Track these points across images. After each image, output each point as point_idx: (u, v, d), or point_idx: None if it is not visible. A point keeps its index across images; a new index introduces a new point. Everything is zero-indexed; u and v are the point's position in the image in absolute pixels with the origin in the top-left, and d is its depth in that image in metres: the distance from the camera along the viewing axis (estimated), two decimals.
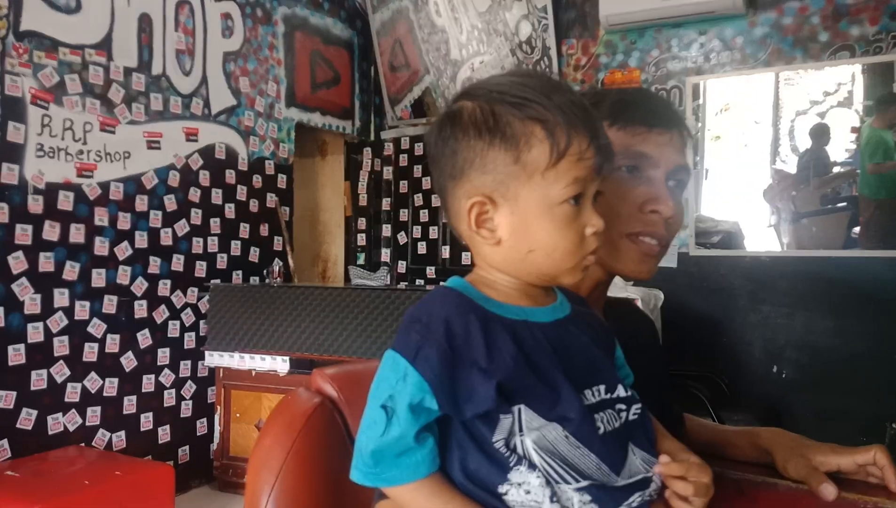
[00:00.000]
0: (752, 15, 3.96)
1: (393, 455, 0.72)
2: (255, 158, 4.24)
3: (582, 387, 0.76)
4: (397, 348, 0.73)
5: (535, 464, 0.71)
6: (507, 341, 0.74)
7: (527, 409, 0.72)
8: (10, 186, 2.97)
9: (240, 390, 3.75)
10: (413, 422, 0.71)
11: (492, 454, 0.72)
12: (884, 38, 3.66)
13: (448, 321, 0.73)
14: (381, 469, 0.73)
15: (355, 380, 1.22)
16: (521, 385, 0.72)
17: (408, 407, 0.70)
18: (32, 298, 3.05)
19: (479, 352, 0.72)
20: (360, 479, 0.74)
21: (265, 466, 1.07)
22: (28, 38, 3.04)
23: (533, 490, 0.71)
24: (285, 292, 3.65)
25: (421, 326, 0.73)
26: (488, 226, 0.77)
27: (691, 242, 4.09)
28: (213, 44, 3.93)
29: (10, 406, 2.96)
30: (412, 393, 0.70)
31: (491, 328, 0.74)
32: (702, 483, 0.77)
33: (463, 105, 0.79)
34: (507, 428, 0.72)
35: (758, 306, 3.94)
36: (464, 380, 0.71)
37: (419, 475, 0.72)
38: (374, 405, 0.73)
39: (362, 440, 0.74)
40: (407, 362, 0.71)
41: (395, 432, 0.71)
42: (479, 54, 4.69)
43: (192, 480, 3.80)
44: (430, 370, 0.70)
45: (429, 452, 0.73)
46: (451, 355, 0.71)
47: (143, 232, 3.53)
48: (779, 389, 3.88)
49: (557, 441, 0.72)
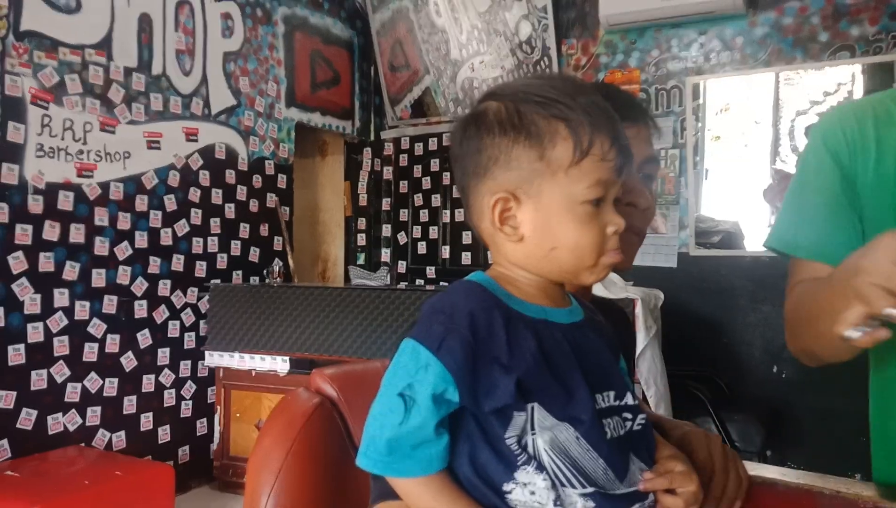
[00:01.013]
0: (752, 15, 3.96)
1: (409, 446, 0.71)
2: (255, 159, 4.24)
3: (595, 391, 0.76)
4: (418, 337, 0.73)
5: (545, 465, 0.71)
6: (529, 338, 0.74)
7: (540, 408, 0.72)
8: (10, 186, 2.97)
9: (240, 390, 3.75)
10: (434, 412, 0.71)
11: (501, 450, 0.72)
12: (884, 38, 3.66)
13: (473, 314, 0.73)
14: (393, 458, 0.72)
15: (355, 380, 1.22)
16: (538, 384, 0.72)
17: (430, 397, 0.70)
18: (32, 298, 3.05)
19: (501, 348, 0.72)
20: (369, 466, 0.74)
21: (265, 466, 1.06)
22: (28, 37, 3.04)
23: (538, 492, 0.71)
24: (285, 293, 3.65)
25: (445, 317, 0.73)
26: (511, 223, 0.78)
27: (691, 242, 4.08)
28: (213, 44, 3.93)
29: (10, 406, 2.96)
30: (435, 383, 0.70)
31: (514, 325, 0.75)
32: (689, 493, 0.78)
33: (488, 105, 0.80)
34: (521, 426, 0.72)
35: (758, 307, 3.94)
36: (485, 375, 0.71)
37: (431, 469, 0.72)
38: (391, 394, 0.73)
39: (376, 428, 0.73)
40: (430, 352, 0.71)
41: (416, 421, 0.71)
42: (479, 54, 4.69)
43: (192, 480, 3.79)
44: (454, 362, 0.70)
45: (444, 448, 0.73)
46: (475, 348, 0.71)
47: (143, 232, 3.53)
48: (779, 389, 3.88)
49: (569, 443, 0.72)
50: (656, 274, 4.01)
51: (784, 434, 3.82)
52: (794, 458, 3.82)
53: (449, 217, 4.96)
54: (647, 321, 3.06)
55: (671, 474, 0.78)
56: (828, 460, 3.72)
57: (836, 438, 3.73)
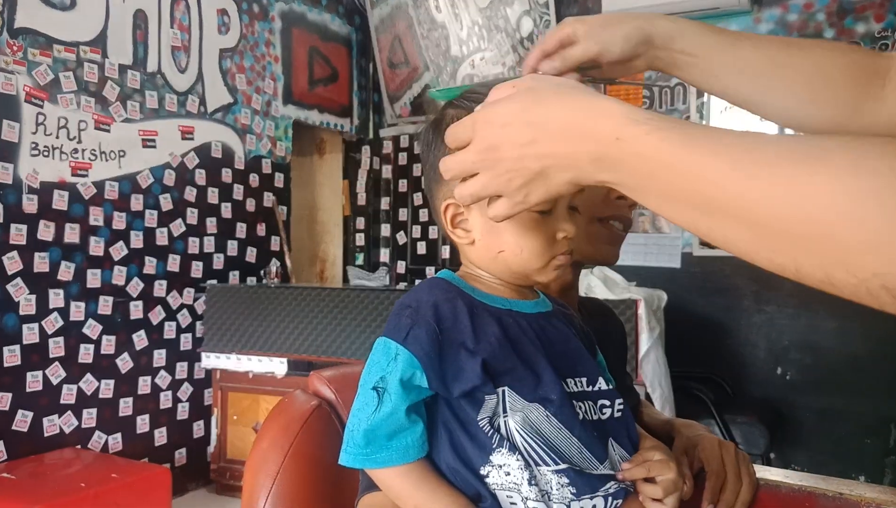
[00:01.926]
0: (756, 11, 3.94)
1: (384, 436, 0.74)
2: (252, 157, 4.21)
3: (563, 376, 0.79)
4: (388, 334, 0.77)
5: (517, 445, 0.74)
6: (493, 324, 0.78)
7: (511, 391, 0.75)
8: (5, 186, 2.95)
9: (237, 392, 3.72)
10: (404, 397, 0.74)
11: (475, 434, 0.75)
12: (889, 34, 3.64)
13: (437, 305, 0.78)
14: (371, 449, 0.75)
15: (353, 382, 1.20)
16: (505, 367, 0.76)
17: (399, 382, 0.74)
18: (27, 298, 3.02)
19: (466, 334, 0.76)
20: (350, 462, 0.76)
21: (262, 469, 1.07)
22: (22, 35, 3.01)
23: (512, 472, 0.74)
24: (282, 293, 3.62)
25: (411, 311, 0.78)
26: (464, 226, 0.82)
27: (695, 242, 4.06)
28: (208, 40, 3.90)
29: (5, 408, 2.94)
30: (403, 369, 0.74)
31: (477, 314, 0.79)
32: (668, 480, 0.79)
33: (447, 112, 0.84)
34: (492, 408, 0.75)
35: (762, 307, 3.92)
36: (452, 360, 0.75)
37: (409, 458, 0.75)
38: (366, 389, 0.77)
39: (353, 423, 0.77)
40: (397, 343, 0.75)
41: (387, 408, 0.74)
42: (479, 51, 4.66)
43: (189, 483, 3.77)
44: (420, 349, 0.74)
45: (419, 436, 0.76)
46: (440, 336, 0.75)
47: (138, 232, 3.50)
48: (782, 390, 3.87)
49: (540, 422, 0.75)
50: (660, 274, 4.00)
51: (788, 436, 3.80)
52: (798, 460, 3.80)
53: None
54: (651, 322, 3.03)
55: (649, 462, 0.80)
56: (831, 461, 3.70)
57: (839, 440, 3.71)
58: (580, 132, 0.60)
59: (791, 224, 0.48)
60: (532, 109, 0.64)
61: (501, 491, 0.75)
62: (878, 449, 3.62)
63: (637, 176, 0.58)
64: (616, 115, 0.59)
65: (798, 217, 0.48)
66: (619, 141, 0.58)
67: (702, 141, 0.54)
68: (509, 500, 0.74)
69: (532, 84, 0.66)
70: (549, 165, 0.63)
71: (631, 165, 0.58)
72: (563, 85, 0.66)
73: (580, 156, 0.61)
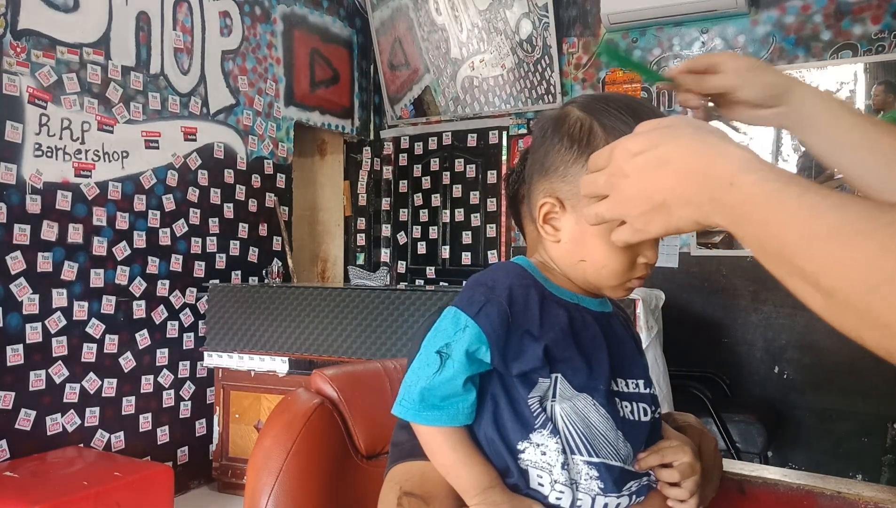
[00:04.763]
0: (754, 13, 3.95)
1: (439, 397, 0.79)
2: (254, 158, 4.23)
3: (615, 374, 0.83)
4: (460, 305, 0.80)
5: (559, 430, 0.78)
6: (562, 314, 0.82)
7: (563, 379, 0.79)
8: (8, 186, 2.96)
9: (239, 390, 3.74)
10: (466, 367, 0.78)
11: (521, 411, 0.79)
12: (886, 36, 3.65)
13: (512, 288, 0.81)
14: (423, 406, 0.79)
15: (355, 381, 1.21)
16: (564, 356, 0.79)
17: (464, 353, 0.78)
18: (31, 298, 3.04)
19: (533, 322, 0.80)
20: (401, 413, 0.81)
21: (265, 467, 1.07)
22: (26, 36, 3.03)
23: (549, 453, 0.78)
24: (284, 293, 3.63)
25: (486, 289, 0.81)
26: (554, 224, 0.84)
27: (693, 241, 4.07)
28: (211, 42, 3.92)
29: (8, 407, 2.95)
30: (470, 341, 0.78)
31: (547, 304, 0.82)
32: (684, 464, 0.82)
33: (571, 111, 0.84)
34: (544, 390, 0.79)
35: (759, 307, 3.93)
36: (516, 341, 0.79)
37: (456, 422, 0.80)
38: (429, 351, 0.80)
39: (412, 379, 0.81)
40: (468, 317, 0.79)
41: (448, 373, 0.78)
42: (479, 53, 4.68)
43: (192, 481, 3.78)
44: (490, 326, 0.78)
45: (470, 404, 0.80)
46: (510, 318, 0.79)
47: (141, 232, 3.52)
48: (780, 389, 3.87)
49: (587, 410, 0.79)
50: (657, 274, 4.01)
51: (785, 435, 3.81)
52: (795, 458, 3.81)
53: (449, 217, 4.95)
54: (649, 322, 3.05)
55: (663, 449, 0.83)
56: (829, 460, 3.71)
57: (837, 438, 3.72)
58: (703, 173, 0.62)
59: (852, 297, 0.50)
60: (666, 144, 0.66)
61: (533, 469, 0.79)
62: (876, 448, 3.62)
63: (739, 224, 0.59)
64: (735, 160, 0.61)
65: (859, 291, 0.49)
66: (732, 186, 0.59)
67: (798, 199, 0.55)
68: (538, 479, 0.78)
69: (674, 122, 0.68)
70: (671, 199, 0.64)
71: (738, 211, 0.59)
72: (702, 128, 0.67)
73: (700, 195, 0.62)
